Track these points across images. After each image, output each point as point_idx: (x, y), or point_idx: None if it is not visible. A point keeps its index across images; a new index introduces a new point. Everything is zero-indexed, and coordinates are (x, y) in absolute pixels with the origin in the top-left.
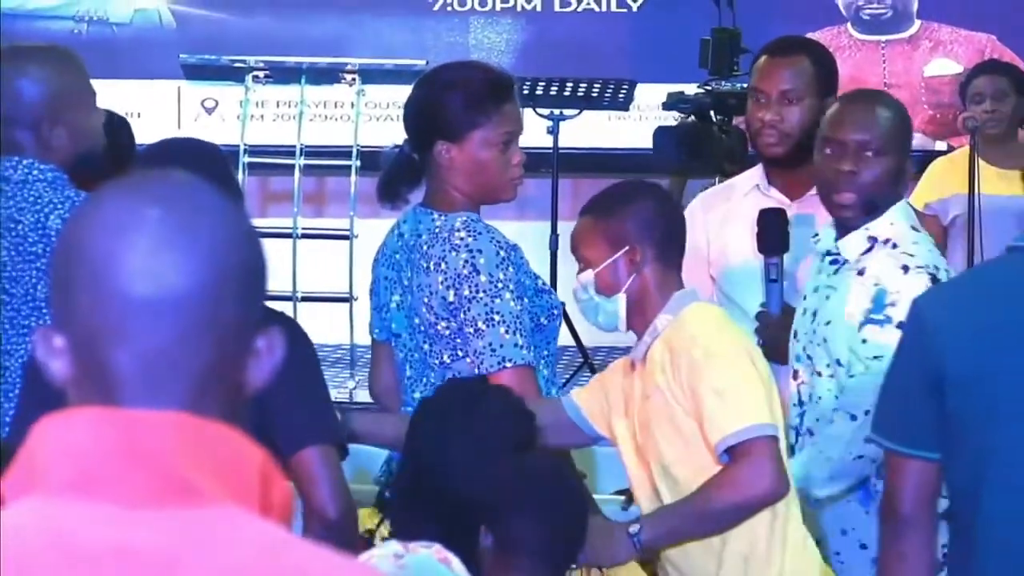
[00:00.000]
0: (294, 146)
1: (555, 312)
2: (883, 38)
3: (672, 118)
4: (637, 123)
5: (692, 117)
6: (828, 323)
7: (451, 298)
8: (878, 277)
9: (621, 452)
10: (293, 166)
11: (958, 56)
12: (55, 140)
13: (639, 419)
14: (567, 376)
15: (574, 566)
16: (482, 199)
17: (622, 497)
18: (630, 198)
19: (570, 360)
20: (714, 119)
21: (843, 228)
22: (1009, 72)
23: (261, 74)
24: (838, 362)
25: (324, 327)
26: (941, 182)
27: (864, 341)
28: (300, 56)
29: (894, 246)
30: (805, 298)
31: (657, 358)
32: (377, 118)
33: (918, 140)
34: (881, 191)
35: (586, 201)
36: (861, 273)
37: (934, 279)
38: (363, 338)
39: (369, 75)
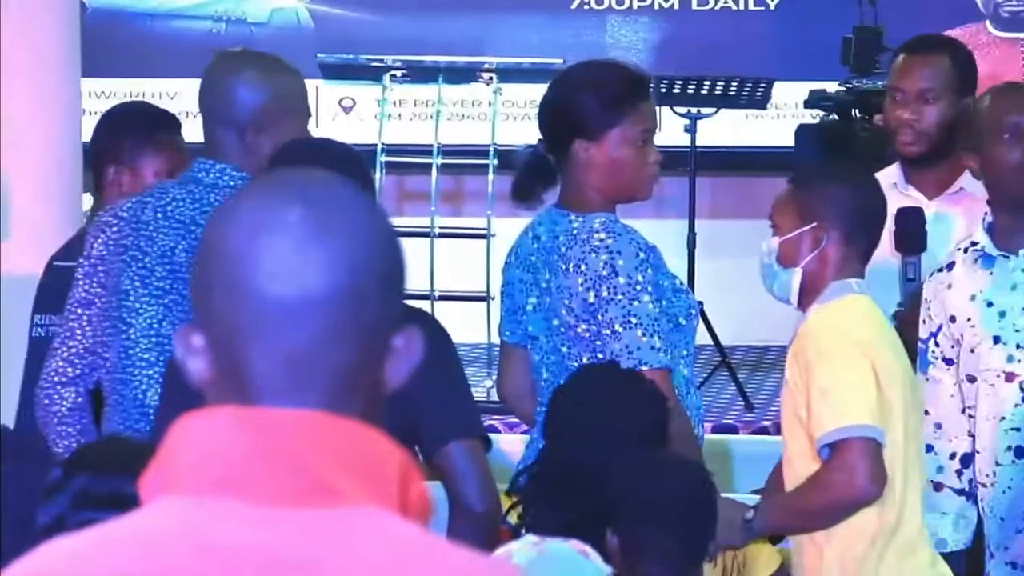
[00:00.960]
0: (431, 145)
1: (693, 312)
2: (1022, 35)
3: (811, 116)
4: (775, 121)
5: (834, 115)
6: None
7: (591, 299)
8: None
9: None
10: (430, 165)
11: None
12: (257, 147)
13: (782, 407)
14: (705, 375)
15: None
16: (619, 198)
17: (758, 497)
18: (834, 177)
19: (707, 358)
20: (856, 117)
21: (1016, 222)
22: None
23: (399, 73)
24: None
25: (461, 326)
26: None
27: None
28: (437, 55)
29: None
30: (991, 303)
31: (794, 348)
32: (514, 117)
33: None
34: None
35: (723, 198)
36: None
37: None
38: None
39: (506, 74)
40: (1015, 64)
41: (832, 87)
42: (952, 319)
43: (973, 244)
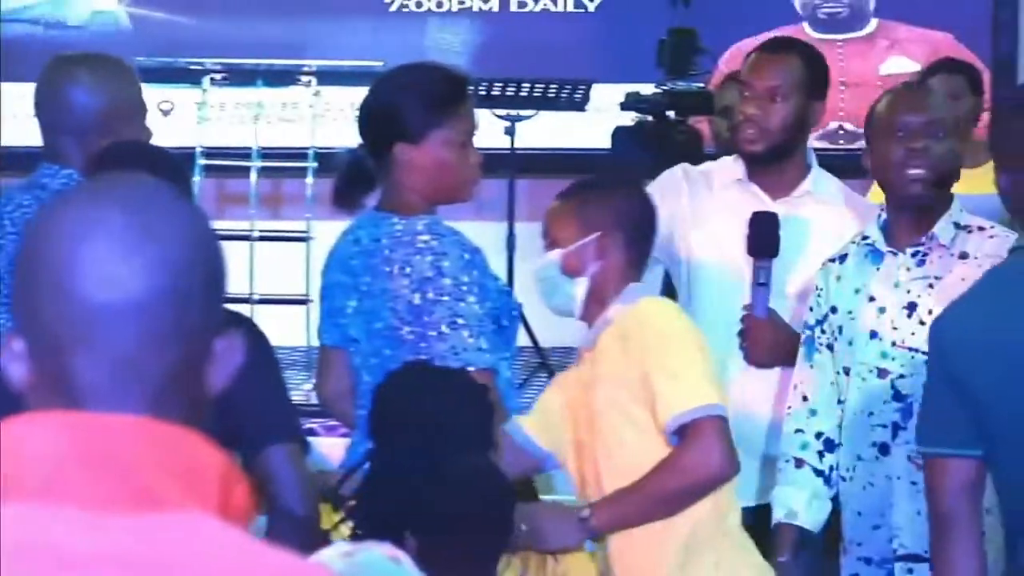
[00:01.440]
0: (251, 148)
1: (515, 313)
2: (840, 37)
3: (629, 118)
4: (594, 123)
5: (650, 117)
6: None
7: (417, 301)
8: (991, 257)
9: (567, 453)
10: (250, 168)
11: (915, 55)
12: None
13: (582, 412)
14: (524, 377)
15: (519, 552)
16: (440, 200)
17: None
18: (610, 187)
19: (526, 361)
20: (671, 119)
21: (905, 220)
22: (964, 71)
23: (218, 76)
24: None
25: (280, 329)
26: None
27: None
28: (257, 58)
29: (980, 228)
30: (873, 299)
31: (606, 347)
32: (334, 120)
33: None
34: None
35: (542, 201)
36: (964, 257)
37: None
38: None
39: (326, 77)
40: (834, 66)
41: (649, 89)
42: (834, 310)
43: (865, 238)
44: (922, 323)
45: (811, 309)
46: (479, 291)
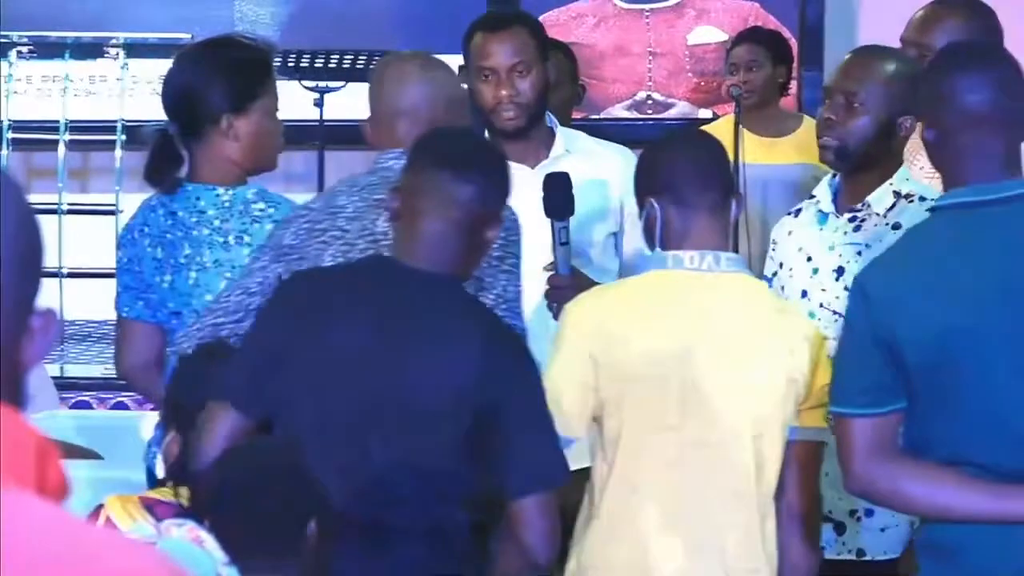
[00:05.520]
0: (58, 121)
1: None
2: (647, 7)
3: None
4: None
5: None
6: None
7: None
8: None
9: None
10: (57, 141)
11: (723, 24)
12: None
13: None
14: None
15: None
16: (255, 170)
17: None
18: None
19: None
20: None
21: (848, 184)
22: (767, 41)
23: (24, 49)
24: None
25: (89, 303)
26: None
27: None
28: (64, 31)
29: (921, 199)
30: (810, 259)
31: None
32: (142, 92)
33: (684, 108)
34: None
35: (351, 171)
36: (897, 228)
37: None
38: None
39: (134, 49)
40: (641, 36)
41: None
42: (780, 265)
43: (812, 197)
44: (847, 288)
45: (770, 259)
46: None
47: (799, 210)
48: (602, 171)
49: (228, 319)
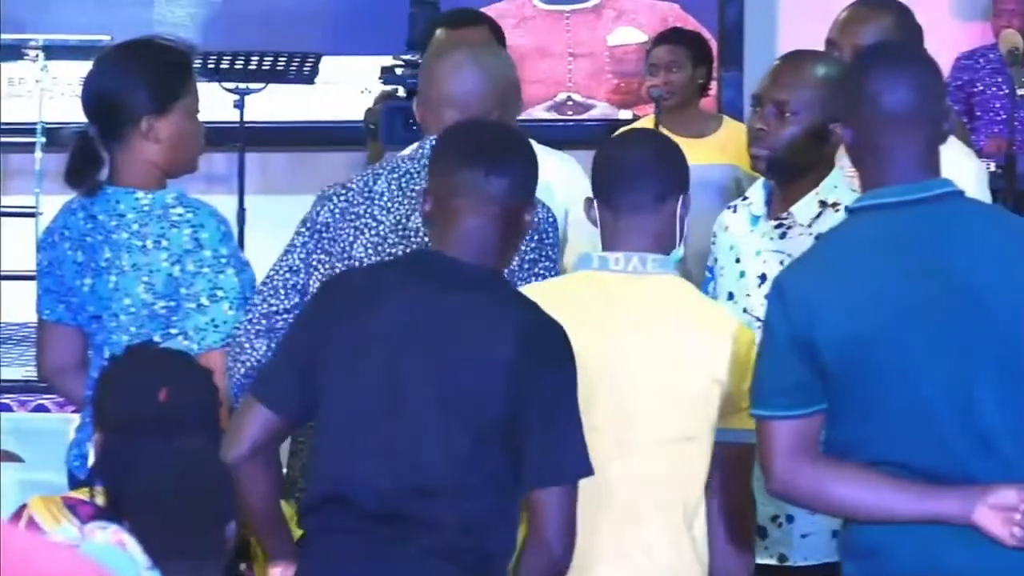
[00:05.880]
0: None
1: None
2: (567, 8)
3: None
4: (326, 96)
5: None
6: None
7: (176, 273)
8: None
9: None
10: None
11: (642, 25)
12: None
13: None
14: None
15: None
16: (175, 172)
17: None
18: None
19: None
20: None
21: (778, 190)
22: (687, 42)
23: None
24: None
25: (9, 305)
26: None
27: None
28: None
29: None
30: (738, 260)
31: None
32: (62, 94)
33: (603, 110)
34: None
35: (272, 174)
36: (819, 239)
37: None
38: None
39: (53, 51)
40: (561, 37)
41: (388, 61)
42: (715, 260)
43: (745, 198)
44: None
45: (712, 250)
46: (236, 262)
47: (736, 206)
48: (543, 176)
49: (280, 303)
